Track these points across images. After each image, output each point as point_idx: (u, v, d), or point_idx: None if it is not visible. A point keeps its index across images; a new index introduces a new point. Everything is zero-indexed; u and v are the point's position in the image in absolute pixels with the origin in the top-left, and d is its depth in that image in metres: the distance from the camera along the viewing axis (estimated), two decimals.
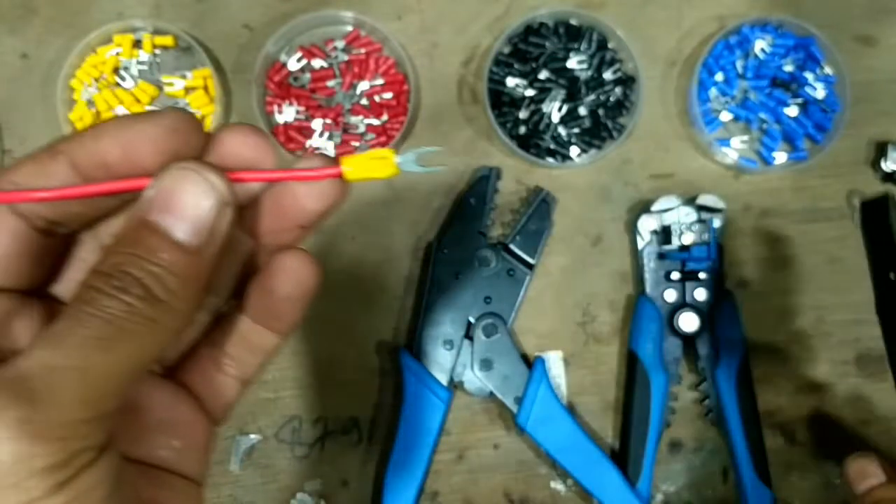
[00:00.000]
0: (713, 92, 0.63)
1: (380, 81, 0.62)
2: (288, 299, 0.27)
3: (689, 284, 0.58)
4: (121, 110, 0.61)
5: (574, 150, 0.62)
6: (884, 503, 0.41)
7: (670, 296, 0.58)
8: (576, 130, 0.62)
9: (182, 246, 0.23)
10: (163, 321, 0.23)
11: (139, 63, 0.63)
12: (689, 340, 0.58)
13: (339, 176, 0.25)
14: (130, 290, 0.22)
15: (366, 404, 0.59)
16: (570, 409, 0.59)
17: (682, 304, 0.58)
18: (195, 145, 0.25)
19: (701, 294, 0.58)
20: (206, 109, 0.62)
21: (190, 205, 0.23)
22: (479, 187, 0.59)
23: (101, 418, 0.21)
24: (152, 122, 0.24)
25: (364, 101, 0.62)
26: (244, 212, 0.27)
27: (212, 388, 0.28)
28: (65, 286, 0.27)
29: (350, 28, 0.63)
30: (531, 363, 0.58)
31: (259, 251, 0.28)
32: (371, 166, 0.25)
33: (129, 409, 0.26)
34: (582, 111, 0.62)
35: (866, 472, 0.43)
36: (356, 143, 0.62)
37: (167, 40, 0.63)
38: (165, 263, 0.23)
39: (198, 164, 0.24)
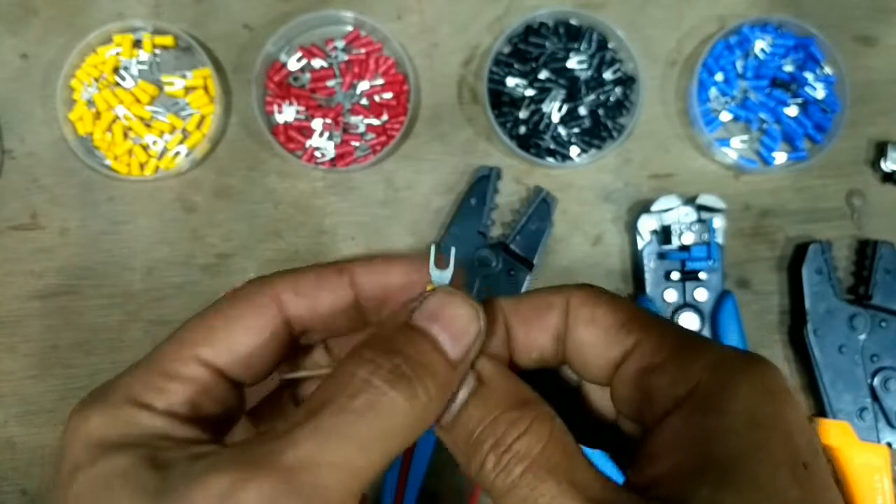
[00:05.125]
0: (713, 92, 0.63)
1: (380, 81, 0.62)
2: None
3: (689, 284, 0.58)
4: (121, 110, 0.61)
5: (574, 150, 0.62)
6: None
7: (670, 296, 0.58)
8: (576, 130, 0.62)
9: (447, 356, 0.24)
10: (418, 423, 0.23)
11: (139, 63, 0.63)
12: None
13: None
14: (400, 388, 0.22)
15: None
16: None
17: (682, 305, 0.58)
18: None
19: (701, 294, 0.58)
20: (206, 109, 0.62)
21: (460, 323, 0.25)
22: (479, 187, 0.59)
23: None
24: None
25: (364, 101, 0.62)
26: None
27: None
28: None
29: (350, 28, 0.63)
30: None
31: None
32: None
33: None
34: (582, 111, 0.62)
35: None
36: (356, 143, 0.62)
37: (167, 40, 0.63)
38: (433, 368, 0.24)
39: (467, 294, 0.26)
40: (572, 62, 0.62)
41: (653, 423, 0.23)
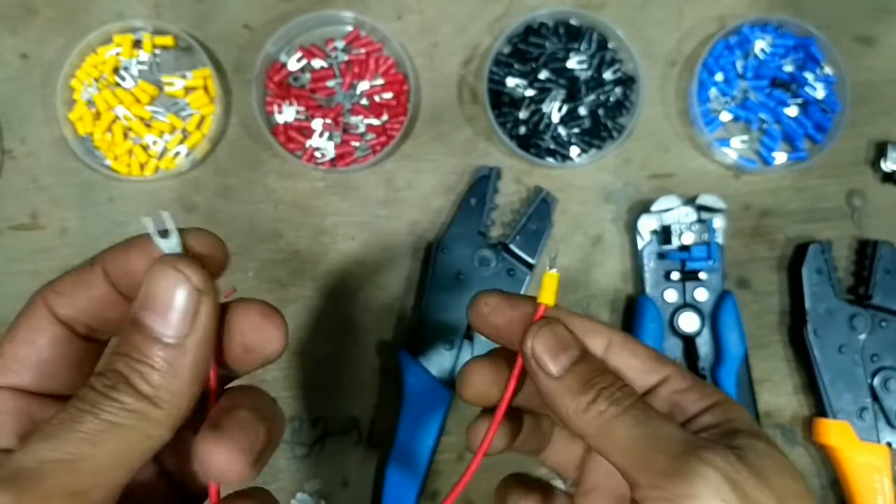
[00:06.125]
0: (713, 92, 0.63)
1: (380, 81, 0.62)
2: None
3: (689, 284, 0.58)
4: (121, 110, 0.61)
5: (574, 150, 0.62)
6: (599, 380, 0.30)
7: (670, 296, 0.58)
8: (576, 130, 0.62)
9: (162, 340, 0.24)
10: (151, 415, 0.24)
11: (139, 63, 0.63)
12: (689, 340, 0.58)
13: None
14: (118, 387, 0.23)
15: (366, 404, 0.59)
16: None
17: (682, 304, 0.58)
18: (216, 263, 0.27)
19: (701, 294, 0.58)
20: (206, 109, 0.62)
21: (165, 298, 0.24)
22: (479, 187, 0.59)
23: None
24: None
25: (364, 101, 0.62)
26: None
27: None
28: None
29: (350, 28, 0.63)
30: None
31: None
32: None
33: None
34: (582, 111, 0.62)
35: (566, 344, 0.32)
36: (356, 143, 0.62)
37: (167, 40, 0.63)
38: (148, 359, 0.24)
39: (175, 257, 0.25)
40: (572, 62, 0.62)
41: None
